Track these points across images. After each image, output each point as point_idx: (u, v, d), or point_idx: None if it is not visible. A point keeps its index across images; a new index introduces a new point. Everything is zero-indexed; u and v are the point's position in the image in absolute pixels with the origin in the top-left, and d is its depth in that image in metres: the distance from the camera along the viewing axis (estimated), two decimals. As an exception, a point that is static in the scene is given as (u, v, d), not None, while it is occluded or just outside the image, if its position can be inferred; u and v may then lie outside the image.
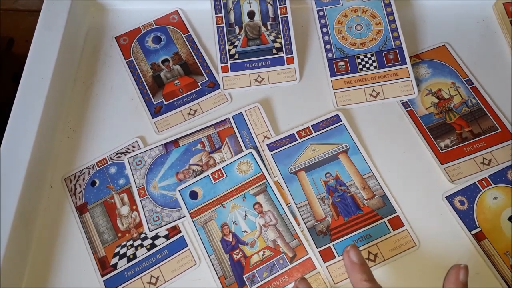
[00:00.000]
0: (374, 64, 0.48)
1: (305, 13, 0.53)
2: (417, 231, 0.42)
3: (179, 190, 0.44)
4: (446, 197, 0.43)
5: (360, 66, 0.48)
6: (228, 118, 0.48)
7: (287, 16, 0.51)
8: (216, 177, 0.44)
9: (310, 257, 0.41)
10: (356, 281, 0.34)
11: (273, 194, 0.43)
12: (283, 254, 0.41)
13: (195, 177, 0.45)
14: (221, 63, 0.50)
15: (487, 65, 0.50)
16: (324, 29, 0.50)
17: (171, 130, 0.48)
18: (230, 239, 0.42)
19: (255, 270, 0.41)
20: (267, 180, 0.44)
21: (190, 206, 0.44)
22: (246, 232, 0.42)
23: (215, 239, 0.42)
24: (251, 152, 0.45)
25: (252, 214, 0.43)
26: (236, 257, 0.42)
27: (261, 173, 0.44)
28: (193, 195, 0.44)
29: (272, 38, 0.50)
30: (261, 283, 0.41)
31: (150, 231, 0.43)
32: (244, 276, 0.41)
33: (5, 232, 0.40)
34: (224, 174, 0.45)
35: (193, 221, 0.43)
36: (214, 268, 0.41)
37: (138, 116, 0.49)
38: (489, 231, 0.41)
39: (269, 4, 0.52)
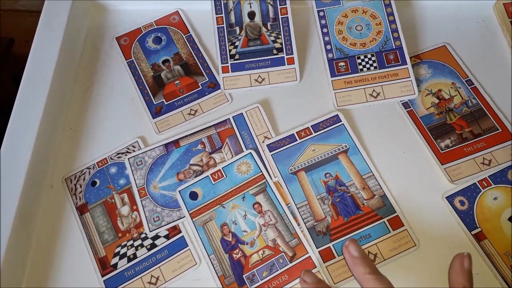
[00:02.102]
0: (375, 64, 0.48)
1: (306, 13, 0.53)
2: (417, 231, 0.42)
3: (179, 191, 0.44)
4: (446, 197, 0.43)
5: (361, 67, 0.48)
6: (229, 118, 0.48)
7: (287, 17, 0.51)
8: (216, 177, 0.45)
9: (309, 256, 0.41)
10: (360, 275, 0.34)
11: (272, 194, 0.44)
12: (283, 253, 0.42)
13: (195, 177, 0.45)
14: (222, 63, 0.50)
15: (487, 66, 0.50)
16: (325, 30, 0.50)
17: (172, 130, 0.48)
18: (230, 239, 0.42)
19: (254, 270, 0.41)
20: (266, 180, 0.44)
21: (190, 206, 0.44)
22: (246, 231, 0.43)
23: (215, 239, 0.42)
24: (250, 152, 0.45)
25: (252, 214, 0.43)
26: (235, 257, 0.42)
27: (261, 173, 0.44)
28: (193, 195, 0.44)
29: (272, 38, 0.50)
30: (260, 282, 0.41)
31: (150, 231, 0.43)
32: (243, 276, 0.41)
33: (6, 232, 0.40)
34: (224, 175, 0.45)
35: (193, 221, 0.43)
36: (214, 268, 0.41)
37: (138, 116, 0.49)
38: (489, 231, 0.41)
39: (269, 5, 0.52)
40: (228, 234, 0.42)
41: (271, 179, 0.44)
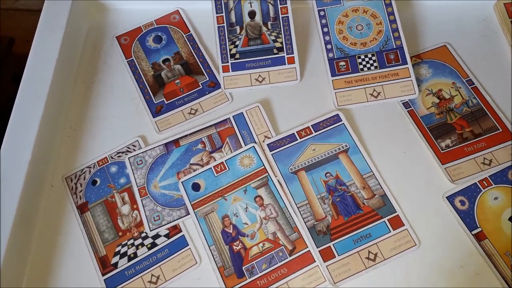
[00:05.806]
0: (375, 64, 0.48)
1: (306, 13, 0.53)
2: (417, 230, 0.42)
3: (182, 182, 0.44)
4: (446, 197, 0.43)
5: (361, 66, 0.48)
6: (229, 118, 0.48)
7: (288, 16, 0.51)
8: (219, 170, 0.45)
9: (309, 250, 0.41)
10: None
11: (274, 188, 0.44)
12: (283, 246, 0.42)
13: (195, 176, 0.45)
14: (222, 62, 0.50)
15: (487, 65, 0.49)
16: (325, 29, 0.50)
17: (172, 130, 0.48)
18: (231, 231, 0.42)
19: (254, 262, 0.41)
20: (268, 174, 0.44)
21: (192, 197, 0.44)
22: (247, 224, 0.43)
23: (216, 230, 0.43)
24: (253, 146, 0.45)
25: (253, 207, 0.43)
26: (236, 249, 0.42)
27: (263, 167, 0.45)
28: (196, 186, 0.44)
29: (273, 38, 0.50)
30: (260, 274, 0.41)
31: (150, 230, 0.43)
32: (243, 267, 0.41)
33: (6, 231, 0.40)
34: (227, 167, 0.45)
35: (194, 212, 0.43)
36: (214, 259, 0.41)
37: (139, 115, 0.49)
38: (490, 231, 0.41)
39: (270, 4, 0.52)
40: (229, 226, 0.43)
41: (273, 173, 0.45)
